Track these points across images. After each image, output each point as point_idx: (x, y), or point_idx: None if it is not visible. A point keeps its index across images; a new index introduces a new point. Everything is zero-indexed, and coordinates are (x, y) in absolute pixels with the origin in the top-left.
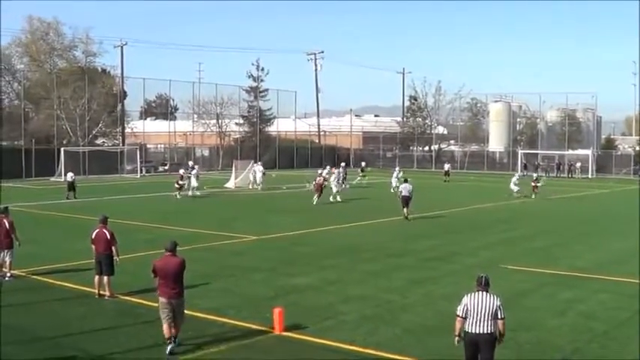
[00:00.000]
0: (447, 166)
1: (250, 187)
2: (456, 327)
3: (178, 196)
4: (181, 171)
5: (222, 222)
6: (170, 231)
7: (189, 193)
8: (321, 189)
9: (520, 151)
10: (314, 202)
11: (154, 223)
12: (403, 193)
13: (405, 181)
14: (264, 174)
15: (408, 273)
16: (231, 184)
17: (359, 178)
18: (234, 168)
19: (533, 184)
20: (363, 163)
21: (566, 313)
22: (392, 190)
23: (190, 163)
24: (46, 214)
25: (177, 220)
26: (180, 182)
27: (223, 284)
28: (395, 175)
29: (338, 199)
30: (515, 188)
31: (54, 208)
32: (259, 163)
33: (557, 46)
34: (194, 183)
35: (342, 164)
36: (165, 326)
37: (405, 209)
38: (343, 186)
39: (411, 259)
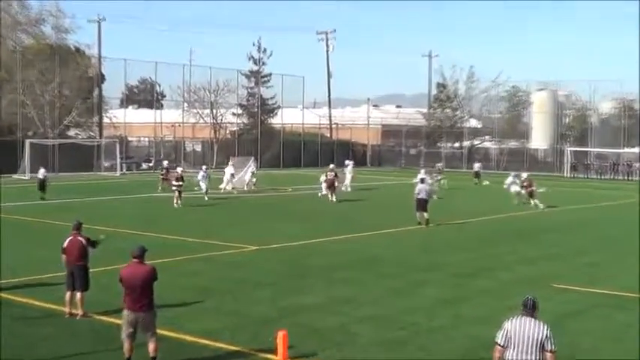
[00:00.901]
0: (477, 166)
1: (246, 187)
2: (495, 357)
3: (178, 204)
4: (179, 170)
5: (216, 229)
6: (156, 239)
7: (206, 197)
8: (333, 185)
9: (568, 149)
10: (333, 200)
11: (136, 230)
12: (420, 195)
13: (422, 181)
14: (253, 173)
15: (434, 290)
16: (226, 186)
17: (440, 181)
18: (231, 165)
19: (528, 189)
20: (439, 165)
21: (624, 339)
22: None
23: (204, 167)
24: (7, 219)
25: (164, 226)
26: (175, 183)
27: (218, 302)
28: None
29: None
30: (514, 189)
31: (17, 211)
32: (252, 160)
33: (611, 27)
34: (204, 186)
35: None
36: (125, 345)
37: (419, 214)
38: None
39: (438, 275)
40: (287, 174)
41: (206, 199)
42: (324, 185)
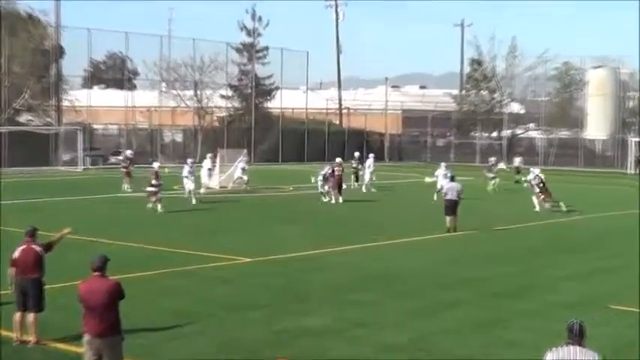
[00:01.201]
0: (517, 161)
1: (231, 185)
2: None
3: (159, 209)
4: (155, 165)
5: (202, 236)
6: (127, 249)
7: (193, 201)
8: (340, 184)
9: (631, 140)
10: (339, 201)
11: (102, 238)
12: (448, 196)
13: (452, 179)
14: (244, 170)
15: (465, 312)
16: (213, 183)
17: (492, 180)
18: (218, 160)
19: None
20: (493, 159)
21: None
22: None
23: (190, 161)
24: None
25: (139, 233)
26: (154, 183)
27: (203, 325)
28: (441, 172)
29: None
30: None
31: None
32: (244, 155)
33: None
34: (190, 185)
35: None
36: None
37: (449, 218)
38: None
39: (469, 293)
40: (287, 170)
41: (193, 202)
42: (320, 183)
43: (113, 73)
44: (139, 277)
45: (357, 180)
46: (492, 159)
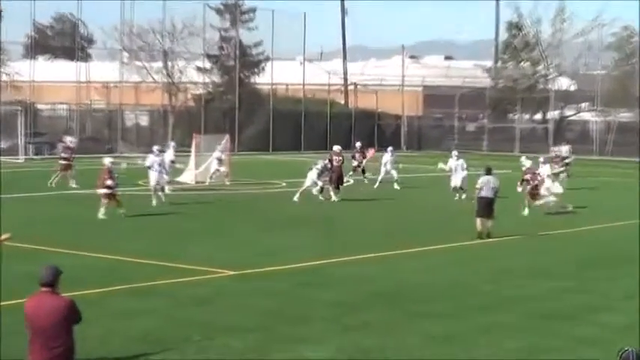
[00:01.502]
0: (564, 149)
1: (208, 180)
2: None
3: (102, 214)
4: (107, 161)
5: (173, 244)
6: (79, 259)
7: (153, 201)
8: (339, 177)
9: None
10: (333, 199)
11: (50, 245)
12: (483, 193)
13: (488, 172)
14: (220, 160)
15: (506, 338)
16: (188, 178)
17: (561, 174)
18: (193, 149)
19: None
20: (565, 148)
21: None
22: (456, 194)
23: (156, 148)
24: None
25: (93, 239)
26: (109, 184)
27: (174, 356)
28: (454, 164)
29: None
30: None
31: None
32: (225, 140)
33: None
34: (156, 179)
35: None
36: None
37: (480, 221)
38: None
39: (510, 315)
40: (279, 161)
41: (153, 202)
42: (313, 177)
43: (62, 40)
44: (95, 296)
45: (363, 173)
46: (564, 147)
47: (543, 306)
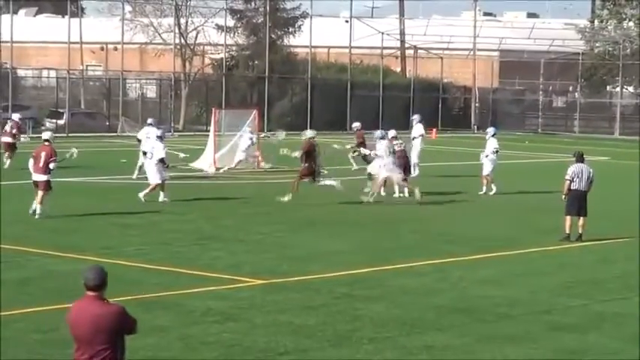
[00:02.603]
0: None
1: (237, 165)
2: None
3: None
4: (15, 116)
5: (188, 246)
6: (69, 263)
7: (141, 194)
8: (405, 168)
9: None
10: (369, 199)
11: (42, 247)
12: (575, 185)
13: (580, 158)
14: (252, 143)
15: None
16: (204, 164)
17: None
18: (212, 128)
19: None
20: None
21: None
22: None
23: (151, 121)
24: None
25: (88, 238)
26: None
27: None
28: (491, 146)
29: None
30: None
31: None
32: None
33: None
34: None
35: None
36: None
37: (570, 218)
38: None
39: (602, 336)
40: (319, 143)
41: (142, 197)
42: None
43: None
44: None
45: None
46: None
47: None
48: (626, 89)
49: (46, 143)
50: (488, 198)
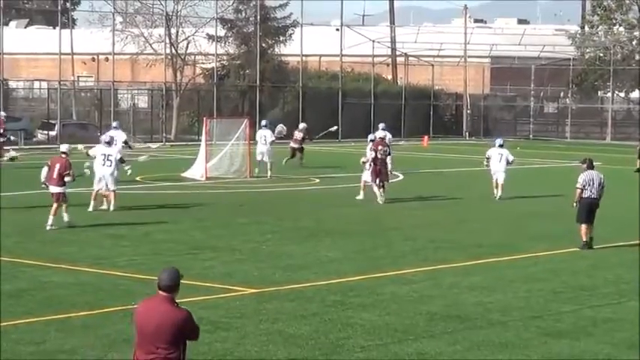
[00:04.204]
0: None
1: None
2: None
3: (110, 207)
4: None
5: (179, 255)
6: (58, 274)
7: (89, 207)
8: (385, 171)
9: None
10: (380, 199)
11: (25, 258)
12: (587, 193)
13: (590, 165)
14: (273, 141)
15: None
16: (196, 173)
17: None
18: (204, 137)
19: None
20: None
21: None
22: (495, 194)
23: (116, 124)
24: None
25: (73, 248)
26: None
27: None
28: (496, 154)
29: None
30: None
31: None
32: (265, 123)
33: None
34: (107, 172)
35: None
36: None
37: (585, 228)
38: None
39: (605, 345)
40: (311, 151)
41: (111, 207)
42: (366, 173)
43: (40, 1)
44: (82, 318)
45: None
46: None
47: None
48: (618, 94)
49: (63, 155)
50: (480, 204)
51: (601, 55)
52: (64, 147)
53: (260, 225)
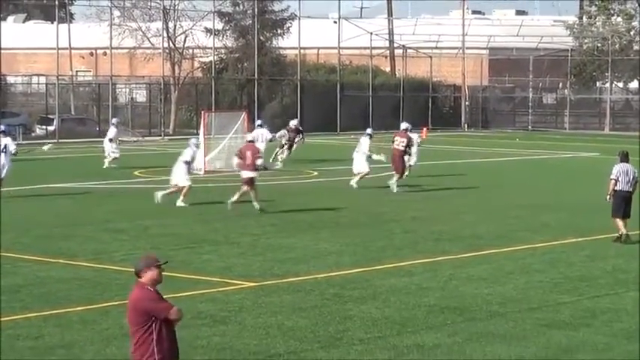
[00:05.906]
0: None
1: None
2: None
3: None
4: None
5: (177, 249)
6: (59, 269)
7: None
8: (402, 163)
9: None
10: (394, 189)
11: (23, 253)
12: (621, 186)
13: (624, 158)
14: (272, 140)
15: None
16: (196, 166)
17: None
18: (202, 131)
19: None
20: None
21: None
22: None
23: (115, 121)
24: None
25: (73, 242)
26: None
27: None
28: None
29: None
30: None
31: None
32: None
33: None
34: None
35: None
36: None
37: (620, 221)
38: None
39: (598, 334)
40: (310, 145)
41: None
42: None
43: None
44: (81, 313)
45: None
46: None
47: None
48: (616, 85)
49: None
50: (478, 195)
51: (599, 45)
52: (249, 136)
53: (259, 218)
